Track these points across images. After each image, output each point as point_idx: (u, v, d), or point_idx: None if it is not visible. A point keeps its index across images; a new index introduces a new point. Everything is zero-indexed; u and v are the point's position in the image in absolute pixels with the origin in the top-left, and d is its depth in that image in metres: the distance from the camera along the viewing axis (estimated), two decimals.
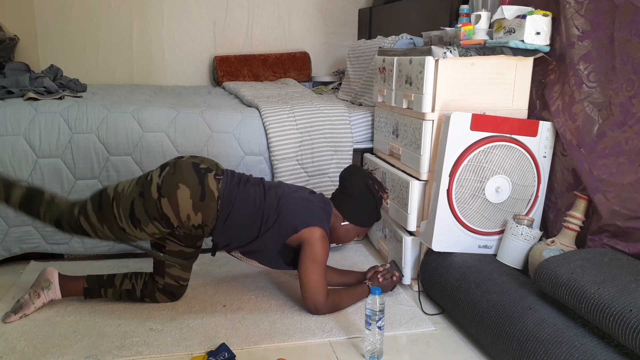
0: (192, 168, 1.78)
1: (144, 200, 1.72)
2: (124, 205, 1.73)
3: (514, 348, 1.49)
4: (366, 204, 1.94)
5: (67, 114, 2.32)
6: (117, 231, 1.75)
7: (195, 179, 1.76)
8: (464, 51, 1.95)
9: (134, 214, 1.73)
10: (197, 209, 1.75)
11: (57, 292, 1.86)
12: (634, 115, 1.66)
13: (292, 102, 2.72)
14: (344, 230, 1.97)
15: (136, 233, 1.76)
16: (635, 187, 1.61)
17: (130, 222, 1.73)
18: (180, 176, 1.75)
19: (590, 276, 1.40)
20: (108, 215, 1.74)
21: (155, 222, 1.74)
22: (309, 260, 1.81)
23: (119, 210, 1.73)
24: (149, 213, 1.73)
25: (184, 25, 3.96)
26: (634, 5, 1.65)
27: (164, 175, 1.75)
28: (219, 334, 1.76)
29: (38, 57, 3.73)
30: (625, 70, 1.69)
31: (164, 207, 1.72)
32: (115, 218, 1.73)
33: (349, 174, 1.99)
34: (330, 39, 4.21)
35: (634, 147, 1.65)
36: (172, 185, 1.73)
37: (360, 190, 1.93)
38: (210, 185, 1.77)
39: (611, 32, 1.74)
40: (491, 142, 1.91)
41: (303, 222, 1.83)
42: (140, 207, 1.73)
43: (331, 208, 1.95)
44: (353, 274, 2.11)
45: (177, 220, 1.74)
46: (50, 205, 1.77)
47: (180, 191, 1.73)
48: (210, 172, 1.80)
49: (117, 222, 1.74)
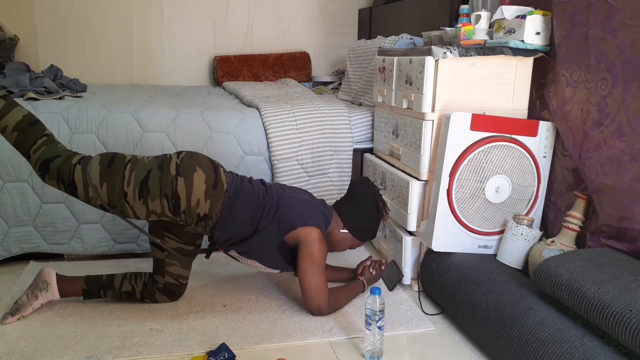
0: (208, 159, 1.84)
1: (161, 172, 1.73)
2: (139, 170, 1.72)
3: (514, 348, 1.49)
4: (369, 218, 1.96)
5: (67, 114, 2.32)
6: (116, 195, 1.70)
7: (210, 166, 1.80)
8: (464, 51, 1.95)
9: (147, 183, 1.71)
10: (207, 195, 1.76)
11: (56, 293, 1.85)
12: (608, 115, 1.65)
13: (292, 102, 2.72)
14: (340, 238, 1.97)
15: (135, 204, 1.72)
16: (619, 189, 1.61)
17: (137, 190, 1.70)
18: (198, 161, 1.79)
19: (590, 276, 1.40)
20: (116, 174, 1.70)
21: (163, 199, 1.72)
22: (307, 261, 1.81)
23: (131, 174, 1.71)
24: (163, 187, 1.72)
25: (184, 25, 3.96)
26: (607, 3, 1.64)
27: (183, 157, 1.78)
28: (219, 334, 1.76)
29: (38, 57, 3.73)
30: (600, 69, 1.68)
31: (179, 186, 1.72)
32: (123, 179, 1.70)
33: (361, 185, 2.01)
34: (330, 39, 4.21)
35: (612, 146, 1.64)
36: (191, 167, 1.76)
37: (368, 202, 1.96)
38: (222, 176, 1.82)
39: (586, 30, 1.73)
40: (491, 142, 1.91)
41: (300, 220, 1.83)
42: (157, 179, 1.72)
43: (332, 214, 1.95)
44: (344, 271, 2.14)
45: (186, 204, 1.73)
46: (49, 142, 1.73)
47: (197, 174, 1.75)
48: (221, 167, 1.86)
49: (121, 185, 1.69)
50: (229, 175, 1.87)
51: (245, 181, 1.90)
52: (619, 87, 1.61)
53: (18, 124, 1.72)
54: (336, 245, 1.99)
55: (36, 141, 1.72)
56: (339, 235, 1.96)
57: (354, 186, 2.01)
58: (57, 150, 1.73)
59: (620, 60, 1.60)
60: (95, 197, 1.71)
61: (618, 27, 1.61)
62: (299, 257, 1.83)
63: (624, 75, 1.59)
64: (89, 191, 1.70)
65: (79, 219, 2.33)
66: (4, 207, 2.25)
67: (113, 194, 1.70)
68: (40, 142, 1.72)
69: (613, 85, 1.63)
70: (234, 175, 1.89)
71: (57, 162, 1.71)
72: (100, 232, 2.36)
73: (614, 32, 1.62)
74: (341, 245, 2.00)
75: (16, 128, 1.72)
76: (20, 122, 1.72)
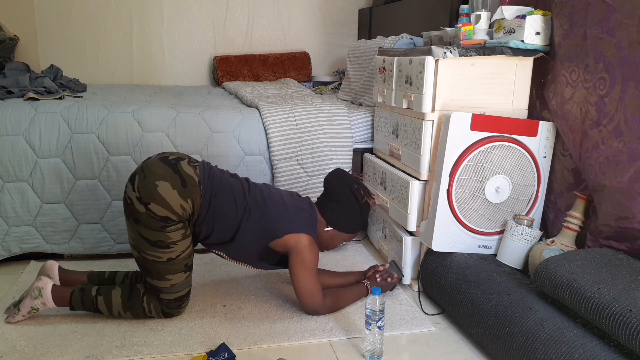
0: (161, 162, 1.73)
1: (142, 223, 1.68)
2: (141, 245, 1.70)
3: (514, 348, 1.49)
4: (350, 210, 1.90)
5: (67, 114, 2.32)
6: (171, 266, 1.72)
7: (168, 170, 1.71)
8: (464, 51, 1.95)
9: (151, 240, 1.69)
10: (184, 196, 1.70)
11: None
12: (607, 115, 1.65)
13: (292, 102, 2.72)
14: (327, 237, 1.93)
15: (176, 249, 1.71)
16: (618, 188, 1.61)
17: (159, 249, 1.69)
18: (153, 175, 1.69)
19: (590, 276, 1.40)
20: (155, 269, 1.72)
21: (167, 229, 1.69)
22: (299, 268, 1.78)
23: (147, 254, 1.70)
24: (155, 228, 1.68)
25: (184, 25, 3.96)
26: (605, 3, 1.64)
27: (137, 186, 1.69)
28: (219, 334, 1.76)
29: (38, 57, 3.73)
30: (598, 68, 1.68)
31: (156, 210, 1.66)
32: (157, 262, 1.71)
33: (333, 178, 1.94)
34: (330, 39, 4.21)
35: (610, 146, 1.64)
36: (150, 187, 1.67)
37: (344, 195, 1.89)
38: (187, 170, 1.73)
39: (584, 29, 1.73)
40: (491, 142, 1.91)
41: (284, 228, 1.79)
42: (146, 230, 1.68)
43: (317, 213, 1.91)
44: (353, 274, 2.10)
45: (175, 215, 1.69)
46: (150, 297, 1.79)
47: (160, 188, 1.67)
48: (183, 160, 1.76)
49: (159, 262, 1.71)
50: (197, 165, 1.78)
51: (226, 175, 1.85)
52: (617, 86, 1.61)
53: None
54: (326, 243, 1.95)
55: (143, 307, 1.80)
56: (325, 234, 1.92)
57: (327, 181, 1.95)
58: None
59: (618, 59, 1.60)
60: (181, 285, 1.80)
61: (615, 26, 1.61)
62: (290, 264, 1.80)
63: (622, 75, 1.59)
64: (177, 288, 1.79)
65: (78, 219, 2.33)
66: (4, 207, 2.25)
67: (171, 269, 1.74)
68: (147, 304, 1.80)
69: (611, 84, 1.63)
70: (206, 165, 1.83)
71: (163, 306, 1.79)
72: (100, 232, 2.36)
73: (611, 32, 1.62)
74: (331, 243, 1.96)
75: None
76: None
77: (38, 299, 1.76)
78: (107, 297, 1.78)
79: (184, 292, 1.80)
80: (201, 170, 1.78)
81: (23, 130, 2.26)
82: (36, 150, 2.26)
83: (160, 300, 1.78)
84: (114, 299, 1.78)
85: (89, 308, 1.79)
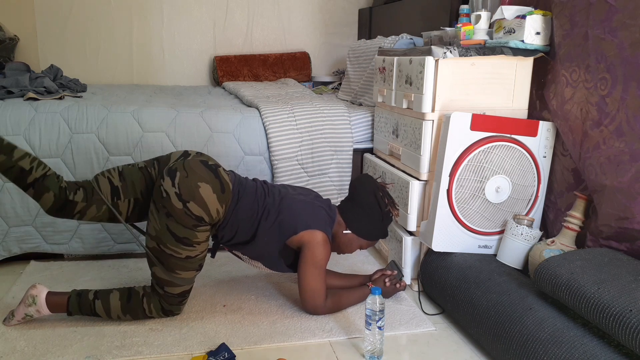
0: (202, 165, 1.78)
1: (175, 218, 1.69)
2: (165, 237, 1.71)
3: (514, 348, 1.49)
4: (371, 216, 1.89)
5: (67, 114, 2.32)
6: (187, 263, 1.74)
7: (210, 174, 1.76)
8: (464, 51, 1.95)
9: (178, 236, 1.70)
10: (221, 201, 1.75)
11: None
12: (608, 115, 1.65)
13: (292, 102, 2.72)
14: (345, 240, 1.93)
15: (198, 249, 1.74)
16: (619, 189, 1.61)
17: (182, 246, 1.71)
18: (196, 175, 1.73)
19: (590, 276, 1.40)
20: (169, 262, 1.72)
21: (197, 229, 1.71)
22: (309, 263, 1.80)
23: (168, 247, 1.71)
24: (187, 225, 1.70)
25: (184, 25, 3.96)
26: (607, 3, 1.64)
27: (179, 182, 1.71)
28: (219, 334, 1.76)
29: (38, 57, 3.73)
30: (599, 69, 1.68)
31: (194, 210, 1.70)
32: (174, 256, 1.72)
33: (359, 183, 1.94)
34: (330, 39, 4.21)
35: (611, 146, 1.64)
36: (193, 187, 1.71)
37: (367, 200, 1.89)
38: (225, 177, 1.80)
39: (586, 29, 1.73)
40: (491, 142, 1.91)
41: (303, 223, 1.81)
42: (177, 225, 1.70)
43: (335, 214, 1.92)
44: (358, 277, 2.09)
45: (209, 217, 1.73)
46: (152, 298, 1.80)
47: (202, 189, 1.71)
48: (220, 167, 1.83)
49: (176, 258, 1.72)
50: (230, 174, 1.86)
51: (249, 179, 1.91)
52: (618, 87, 1.61)
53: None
54: (342, 247, 1.95)
55: (143, 308, 1.81)
56: (344, 237, 1.92)
57: (353, 185, 1.96)
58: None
59: (620, 60, 1.60)
60: (190, 279, 1.81)
61: (617, 26, 1.61)
62: (301, 259, 1.82)
63: (624, 75, 1.59)
64: (186, 282, 1.80)
65: None
66: (4, 207, 2.25)
67: (187, 266, 1.76)
68: (147, 305, 1.81)
69: (612, 85, 1.63)
70: (234, 174, 1.89)
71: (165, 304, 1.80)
72: (100, 232, 2.36)
73: (613, 32, 1.62)
74: (348, 247, 1.95)
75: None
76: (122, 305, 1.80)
77: (32, 307, 1.75)
78: (105, 300, 1.77)
79: (187, 288, 1.81)
80: (232, 177, 1.85)
81: (23, 130, 2.26)
82: (36, 150, 2.26)
83: (162, 295, 1.78)
84: (112, 302, 1.77)
85: (87, 312, 1.79)
